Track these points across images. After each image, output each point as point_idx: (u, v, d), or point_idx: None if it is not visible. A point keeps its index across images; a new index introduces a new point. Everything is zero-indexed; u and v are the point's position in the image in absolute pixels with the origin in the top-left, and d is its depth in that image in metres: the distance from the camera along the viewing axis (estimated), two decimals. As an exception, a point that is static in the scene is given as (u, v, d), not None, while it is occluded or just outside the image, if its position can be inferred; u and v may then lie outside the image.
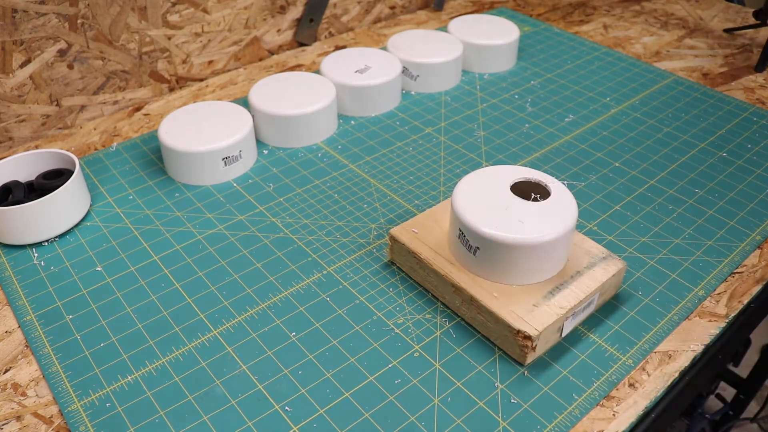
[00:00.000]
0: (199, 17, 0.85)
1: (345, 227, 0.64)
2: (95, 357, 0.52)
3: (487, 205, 0.52)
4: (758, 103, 0.83)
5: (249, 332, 0.54)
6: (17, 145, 0.78)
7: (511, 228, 0.50)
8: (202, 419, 0.47)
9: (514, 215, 0.51)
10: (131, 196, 0.69)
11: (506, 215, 0.51)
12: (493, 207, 0.52)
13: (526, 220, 0.51)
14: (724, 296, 0.57)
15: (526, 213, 0.51)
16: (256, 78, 0.90)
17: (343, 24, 1.02)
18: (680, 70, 0.91)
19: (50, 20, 0.73)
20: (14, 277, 0.59)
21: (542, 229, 0.50)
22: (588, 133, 0.78)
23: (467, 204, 0.52)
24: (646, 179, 0.70)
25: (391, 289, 0.58)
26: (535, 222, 0.51)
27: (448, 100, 0.85)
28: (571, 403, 0.48)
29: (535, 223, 0.51)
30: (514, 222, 0.51)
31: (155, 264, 0.60)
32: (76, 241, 0.63)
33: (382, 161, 0.74)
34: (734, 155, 0.74)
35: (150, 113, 0.83)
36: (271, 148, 0.76)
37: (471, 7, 1.11)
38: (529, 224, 0.50)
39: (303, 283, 0.58)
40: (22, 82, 0.74)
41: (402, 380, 0.50)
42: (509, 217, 0.51)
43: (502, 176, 0.56)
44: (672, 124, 0.79)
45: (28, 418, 0.48)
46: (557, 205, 0.53)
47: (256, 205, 0.67)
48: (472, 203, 0.52)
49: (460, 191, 0.54)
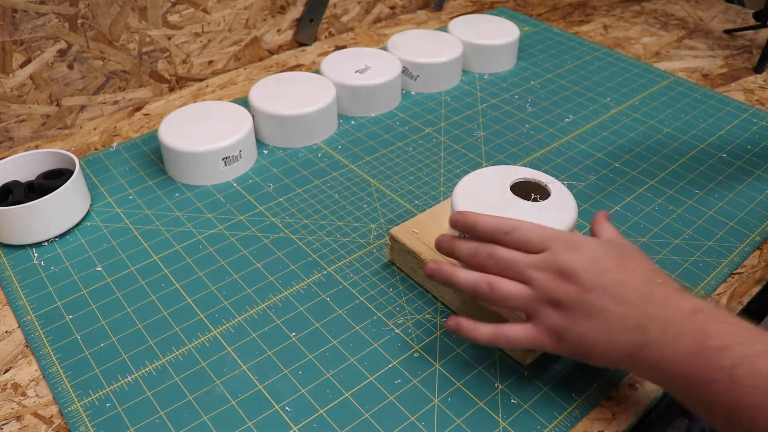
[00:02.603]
0: (199, 17, 0.85)
1: (345, 227, 0.64)
2: (95, 357, 0.52)
3: (487, 205, 0.52)
4: (758, 104, 0.84)
5: (249, 332, 0.54)
6: (17, 145, 0.78)
7: None
8: (202, 419, 0.47)
9: (514, 215, 0.51)
10: (131, 196, 0.69)
11: (506, 215, 0.51)
12: (493, 207, 0.52)
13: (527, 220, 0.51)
14: (723, 297, 0.57)
15: (526, 213, 0.51)
16: (256, 78, 0.90)
17: (343, 24, 1.02)
18: (680, 71, 0.91)
19: (50, 20, 0.73)
20: (14, 277, 0.59)
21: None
22: (588, 134, 0.78)
23: (467, 205, 0.52)
24: (646, 179, 0.70)
25: (391, 289, 0.58)
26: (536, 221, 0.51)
27: (448, 100, 0.85)
28: (571, 404, 0.48)
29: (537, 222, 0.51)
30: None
31: (155, 264, 0.60)
32: (76, 241, 0.63)
33: (382, 161, 0.74)
34: (734, 156, 0.74)
35: (150, 113, 0.83)
36: (271, 148, 0.76)
37: (471, 7, 1.11)
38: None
39: (303, 283, 0.58)
40: (22, 82, 0.74)
41: (402, 380, 0.50)
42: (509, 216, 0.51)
43: (501, 176, 0.56)
44: (672, 125, 0.79)
45: (28, 418, 0.48)
46: (557, 205, 0.53)
47: (256, 205, 0.67)
48: (472, 204, 0.52)
49: (460, 192, 0.54)
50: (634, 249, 0.47)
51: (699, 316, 0.41)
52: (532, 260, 0.46)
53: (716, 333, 0.40)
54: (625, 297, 0.43)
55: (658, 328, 0.41)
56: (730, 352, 0.38)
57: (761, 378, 0.37)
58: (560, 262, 0.45)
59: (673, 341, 0.41)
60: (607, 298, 0.43)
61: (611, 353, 0.43)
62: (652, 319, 0.42)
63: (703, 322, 0.40)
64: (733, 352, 0.38)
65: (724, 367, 0.38)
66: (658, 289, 0.43)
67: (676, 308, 0.42)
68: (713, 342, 0.39)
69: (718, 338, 0.39)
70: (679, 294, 0.43)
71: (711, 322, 0.40)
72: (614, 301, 0.43)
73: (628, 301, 0.43)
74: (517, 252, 0.47)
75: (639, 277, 0.44)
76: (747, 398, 0.37)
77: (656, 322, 0.42)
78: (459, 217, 0.49)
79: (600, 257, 0.45)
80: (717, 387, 0.38)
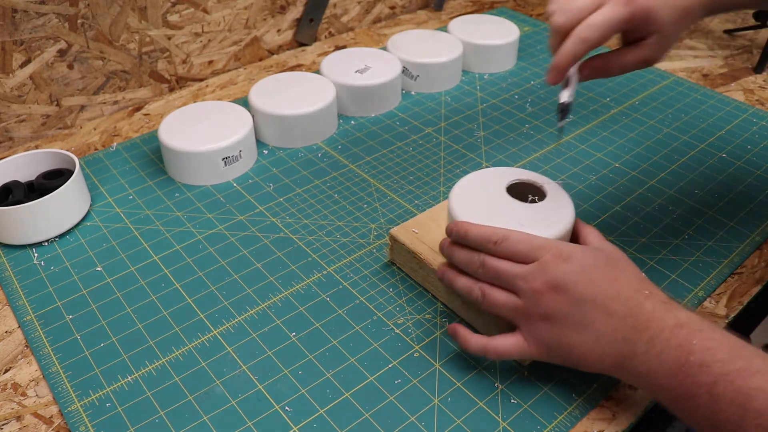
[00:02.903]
0: (199, 17, 0.85)
1: (345, 227, 0.64)
2: (95, 357, 0.52)
3: (485, 208, 0.52)
4: (758, 104, 0.84)
5: (249, 332, 0.54)
6: (17, 145, 0.78)
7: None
8: (202, 419, 0.47)
9: (511, 218, 0.51)
10: (131, 196, 0.69)
11: (505, 218, 0.51)
12: (489, 210, 0.52)
13: (525, 223, 0.50)
14: (723, 297, 0.57)
15: (523, 215, 0.51)
16: (256, 78, 0.90)
17: (343, 24, 1.02)
18: (680, 71, 0.91)
19: (50, 20, 0.73)
20: (14, 277, 0.59)
21: (541, 231, 0.50)
22: (588, 134, 0.78)
23: (463, 209, 0.52)
24: (646, 179, 0.70)
25: (391, 289, 0.58)
26: (533, 224, 0.50)
27: (448, 100, 0.85)
28: (571, 404, 0.48)
29: (533, 225, 0.50)
30: (514, 225, 0.50)
31: (155, 264, 0.60)
32: (76, 241, 0.63)
33: (382, 161, 0.74)
34: (734, 156, 0.74)
35: (150, 113, 0.83)
36: (271, 148, 0.76)
37: (471, 7, 1.11)
38: (528, 226, 0.50)
39: (303, 283, 0.58)
40: (22, 82, 0.74)
41: (402, 380, 0.50)
42: (508, 221, 0.51)
43: (497, 179, 0.55)
44: (672, 125, 0.79)
45: (28, 418, 0.48)
46: (554, 206, 0.53)
47: (256, 205, 0.67)
48: (469, 208, 0.52)
49: (456, 196, 0.54)
50: (621, 256, 0.48)
51: (683, 331, 0.42)
52: (522, 271, 0.46)
53: (699, 349, 0.41)
54: (615, 310, 0.44)
55: (644, 342, 0.42)
56: (711, 368, 0.40)
57: (740, 395, 0.38)
58: (550, 274, 0.45)
59: (657, 355, 0.42)
60: (597, 310, 0.44)
61: (600, 364, 0.45)
62: (639, 331, 0.43)
63: (686, 338, 0.41)
64: (714, 369, 0.40)
65: (705, 383, 0.39)
66: (645, 301, 0.44)
67: (662, 321, 0.43)
68: (695, 358, 0.40)
69: (700, 354, 0.40)
70: (665, 306, 0.44)
71: (694, 338, 0.41)
72: (604, 314, 0.44)
73: (617, 314, 0.44)
74: (507, 262, 0.47)
75: (628, 289, 0.45)
76: (726, 414, 0.39)
77: (643, 335, 0.43)
78: (453, 226, 0.50)
79: (589, 267, 0.46)
80: (699, 401, 0.40)
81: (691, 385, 0.40)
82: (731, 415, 0.38)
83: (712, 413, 0.39)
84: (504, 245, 0.47)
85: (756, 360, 0.39)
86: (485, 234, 0.48)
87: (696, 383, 0.40)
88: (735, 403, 0.38)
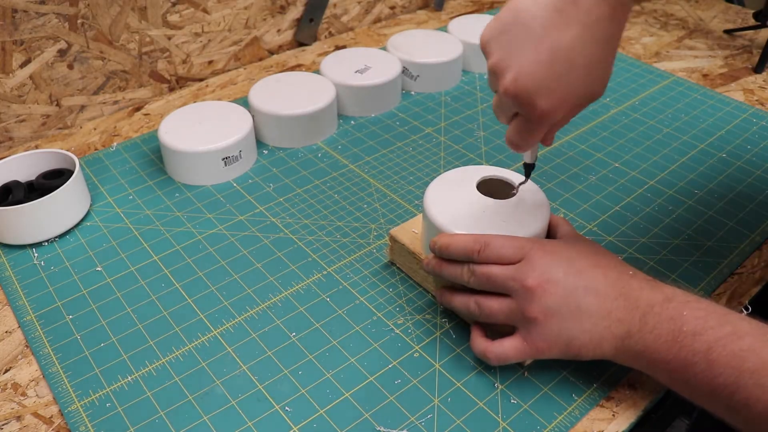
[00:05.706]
0: (199, 17, 0.85)
1: (345, 227, 0.64)
2: (95, 357, 0.52)
3: (464, 212, 0.52)
4: (758, 104, 0.84)
5: (249, 332, 0.54)
6: (17, 145, 0.78)
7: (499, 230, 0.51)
8: (202, 419, 0.47)
9: (489, 215, 0.52)
10: (131, 196, 0.69)
11: (488, 219, 0.52)
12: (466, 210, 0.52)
13: (508, 219, 0.51)
14: (723, 297, 0.57)
15: (504, 212, 0.52)
16: (256, 78, 0.90)
17: (343, 24, 1.02)
18: (680, 71, 0.91)
19: (50, 20, 0.73)
20: (14, 277, 0.59)
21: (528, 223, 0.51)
22: (588, 134, 0.78)
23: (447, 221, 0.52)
24: (645, 180, 0.70)
25: (391, 290, 0.58)
26: (516, 218, 0.52)
27: (448, 100, 0.85)
28: (571, 404, 0.48)
29: (517, 220, 0.51)
30: (499, 224, 0.51)
31: (155, 264, 0.60)
32: (76, 241, 0.63)
33: (382, 161, 0.74)
34: (734, 156, 0.74)
35: (150, 113, 0.83)
36: (271, 148, 0.76)
37: (471, 7, 1.11)
38: (512, 222, 0.51)
39: (303, 283, 0.58)
40: (22, 82, 0.74)
41: (402, 380, 0.50)
42: (491, 221, 0.51)
43: (466, 178, 0.56)
44: (672, 125, 0.79)
45: (28, 418, 0.48)
46: (529, 196, 0.54)
47: (256, 206, 0.67)
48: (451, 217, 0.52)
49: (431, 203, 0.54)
50: (596, 244, 0.51)
51: (672, 305, 0.43)
52: (511, 272, 0.47)
53: (690, 319, 0.42)
54: (606, 293, 0.45)
55: (637, 320, 0.44)
56: (704, 336, 0.41)
57: (734, 358, 0.40)
58: (538, 270, 0.46)
59: (651, 330, 0.43)
60: (589, 297, 0.45)
61: (599, 349, 0.46)
62: (631, 310, 0.44)
63: (676, 310, 0.43)
64: (707, 336, 0.41)
65: (701, 351, 0.41)
66: (632, 281, 0.46)
67: (651, 298, 0.44)
68: (688, 328, 0.42)
69: (692, 324, 0.42)
70: (651, 284, 0.46)
71: (684, 309, 0.43)
72: (596, 299, 0.45)
73: (608, 297, 0.45)
74: (496, 266, 0.48)
75: (613, 272, 0.47)
76: (723, 378, 0.40)
77: (635, 314, 0.44)
78: (435, 240, 0.51)
79: (574, 257, 0.47)
80: (696, 369, 0.41)
81: (687, 354, 0.42)
82: (728, 378, 0.40)
83: (710, 378, 0.41)
84: (488, 251, 0.48)
85: (742, 323, 0.41)
86: (467, 244, 0.49)
87: (692, 351, 0.41)
88: (730, 366, 0.40)
